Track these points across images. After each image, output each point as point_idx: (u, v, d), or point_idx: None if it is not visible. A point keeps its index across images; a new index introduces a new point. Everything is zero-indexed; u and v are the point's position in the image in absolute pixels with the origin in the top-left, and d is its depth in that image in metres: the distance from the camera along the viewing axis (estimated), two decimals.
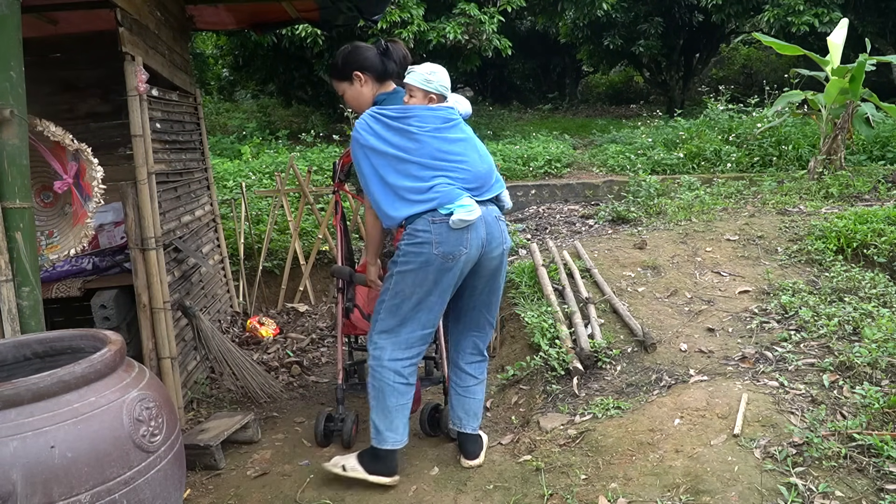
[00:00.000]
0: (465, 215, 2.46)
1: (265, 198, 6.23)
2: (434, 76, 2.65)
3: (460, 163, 2.56)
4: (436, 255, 2.47)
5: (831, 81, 6.43)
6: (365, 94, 2.80)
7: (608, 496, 2.35)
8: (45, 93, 3.68)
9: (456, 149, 2.58)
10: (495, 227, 2.61)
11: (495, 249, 2.62)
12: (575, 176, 8.80)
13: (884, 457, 2.24)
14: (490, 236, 2.59)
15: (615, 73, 20.37)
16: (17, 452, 1.51)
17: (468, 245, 2.51)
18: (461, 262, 2.52)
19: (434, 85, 2.64)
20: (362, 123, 2.58)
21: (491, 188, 2.65)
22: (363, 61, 2.76)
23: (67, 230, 3.02)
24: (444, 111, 2.65)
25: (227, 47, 12.94)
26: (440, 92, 2.66)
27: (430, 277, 2.51)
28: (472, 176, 2.57)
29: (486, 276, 2.68)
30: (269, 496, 2.71)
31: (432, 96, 2.65)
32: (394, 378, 2.60)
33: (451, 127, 2.63)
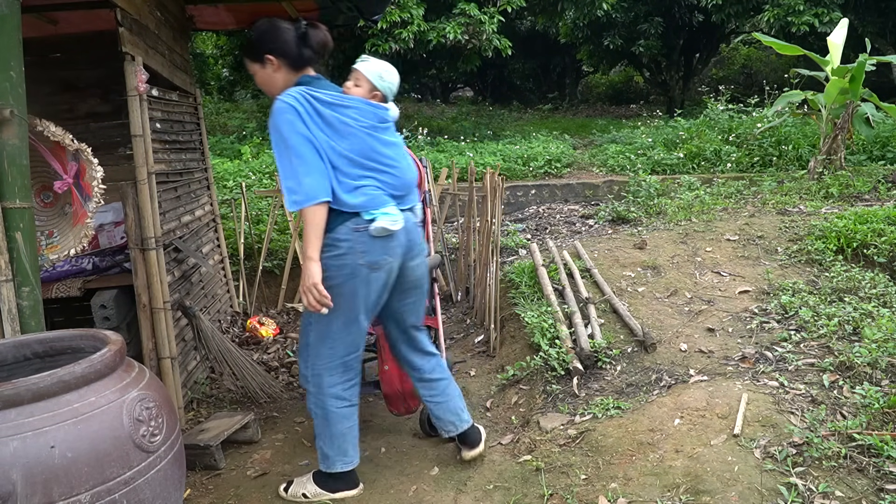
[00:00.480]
0: (388, 224, 2.34)
1: (265, 198, 6.22)
2: (388, 75, 2.54)
3: (392, 167, 2.44)
4: (361, 266, 2.34)
5: (831, 81, 6.43)
6: (277, 80, 2.50)
7: (608, 496, 2.35)
8: (45, 93, 3.68)
9: (389, 152, 2.45)
10: (415, 235, 2.52)
11: (417, 257, 2.54)
12: (575, 176, 8.80)
13: (884, 457, 2.24)
14: (411, 243, 2.49)
15: (615, 73, 20.38)
16: (17, 452, 1.51)
17: (392, 253, 2.40)
18: (385, 270, 2.41)
19: (385, 84, 2.52)
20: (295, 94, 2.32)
21: (412, 197, 2.56)
22: (278, 44, 2.46)
23: (67, 230, 3.02)
24: (383, 111, 2.51)
25: (227, 47, 12.95)
26: (386, 93, 2.54)
27: (358, 290, 2.37)
28: (400, 183, 2.46)
29: (410, 286, 2.58)
30: (269, 496, 2.71)
31: (377, 94, 2.51)
32: (337, 404, 2.52)
33: (387, 129, 2.51)
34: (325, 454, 2.57)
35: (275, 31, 2.46)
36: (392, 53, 9.69)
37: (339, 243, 2.33)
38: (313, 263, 2.31)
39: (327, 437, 2.55)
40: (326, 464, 2.58)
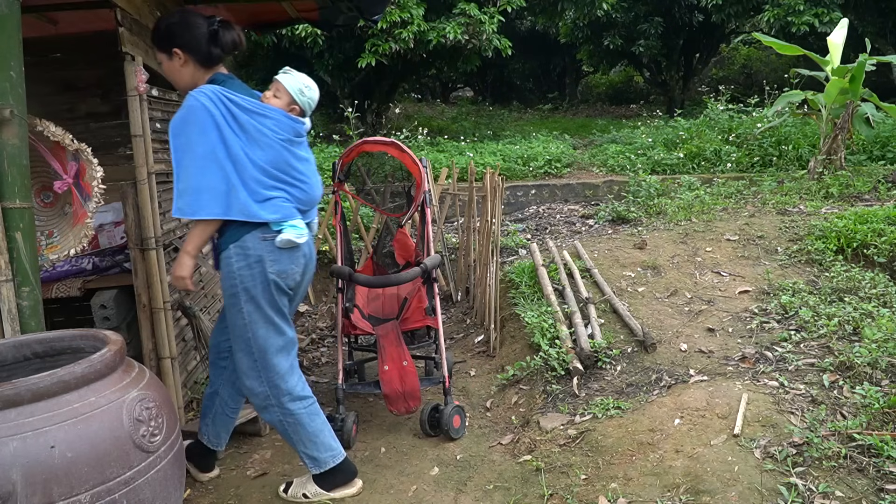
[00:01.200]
0: (294, 237, 2.37)
1: None
2: (309, 90, 2.54)
3: (302, 182, 2.46)
4: (272, 274, 2.36)
5: (831, 81, 6.43)
6: (184, 74, 2.43)
7: (608, 496, 2.35)
8: (45, 93, 3.67)
9: (301, 167, 2.47)
10: (312, 246, 2.60)
11: (311, 269, 2.61)
12: (575, 176, 8.80)
13: (884, 457, 2.24)
14: (310, 255, 2.57)
15: (615, 73, 20.38)
16: (17, 452, 1.51)
17: (297, 263, 2.46)
18: (293, 279, 2.46)
19: (305, 98, 2.52)
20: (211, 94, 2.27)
21: (314, 212, 2.63)
22: (187, 40, 2.37)
23: (67, 230, 3.02)
24: (300, 125, 2.52)
25: None
26: (305, 108, 2.54)
27: (273, 297, 2.40)
28: (308, 198, 2.50)
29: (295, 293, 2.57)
30: (269, 496, 2.71)
31: (295, 107, 2.51)
32: (301, 405, 2.53)
33: (302, 143, 2.54)
34: (312, 458, 2.56)
35: (185, 25, 2.39)
36: (392, 53, 9.70)
37: (248, 252, 2.33)
38: (189, 258, 2.37)
39: (307, 440, 2.54)
40: (318, 466, 2.57)
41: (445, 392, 3.13)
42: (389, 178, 3.72)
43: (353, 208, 5.40)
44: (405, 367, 3.08)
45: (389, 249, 3.77)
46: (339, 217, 3.40)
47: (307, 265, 2.56)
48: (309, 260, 2.56)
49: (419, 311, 3.31)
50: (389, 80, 11.72)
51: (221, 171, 2.25)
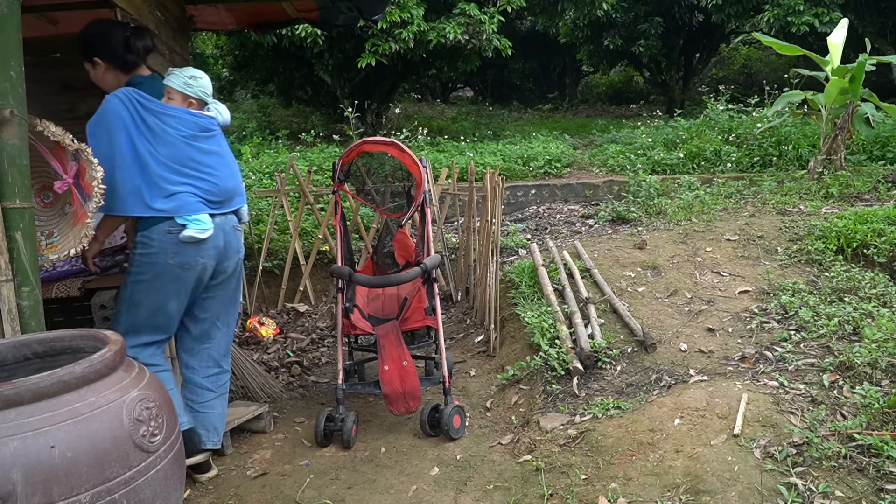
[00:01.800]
0: (196, 233, 2.49)
1: (265, 198, 6.22)
2: (195, 81, 2.63)
3: (209, 175, 2.58)
4: (171, 265, 2.49)
5: (831, 81, 6.43)
6: (108, 80, 2.63)
7: (608, 496, 2.35)
8: (45, 93, 3.67)
9: (208, 160, 2.59)
10: (233, 237, 2.68)
11: (232, 258, 2.69)
12: (575, 176, 8.80)
13: (884, 457, 2.24)
14: (227, 245, 2.65)
15: (615, 73, 20.37)
16: (17, 452, 1.51)
17: (205, 255, 2.56)
18: (198, 270, 2.56)
19: (194, 89, 2.61)
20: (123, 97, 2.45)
21: (233, 202, 2.71)
22: (103, 50, 2.58)
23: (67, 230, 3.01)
24: (204, 120, 2.64)
25: (227, 47, 12.94)
26: (200, 97, 2.64)
27: (165, 287, 2.52)
28: (217, 190, 2.60)
29: (220, 285, 2.71)
30: (269, 496, 2.71)
31: (192, 101, 2.63)
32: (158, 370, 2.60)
33: (208, 138, 2.63)
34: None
35: (101, 36, 2.57)
36: (392, 53, 9.69)
37: (151, 242, 2.47)
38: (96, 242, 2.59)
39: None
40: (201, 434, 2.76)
41: (445, 392, 3.13)
42: (389, 178, 3.71)
43: (353, 208, 5.40)
44: (405, 367, 3.08)
45: (389, 249, 3.77)
46: (339, 217, 3.40)
47: (223, 255, 2.65)
48: (224, 250, 2.64)
49: (419, 311, 3.31)
50: (389, 80, 11.71)
51: (128, 172, 2.43)
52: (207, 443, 2.80)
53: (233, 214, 2.74)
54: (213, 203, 2.60)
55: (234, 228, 2.71)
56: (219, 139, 2.70)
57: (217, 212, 2.61)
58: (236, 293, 2.85)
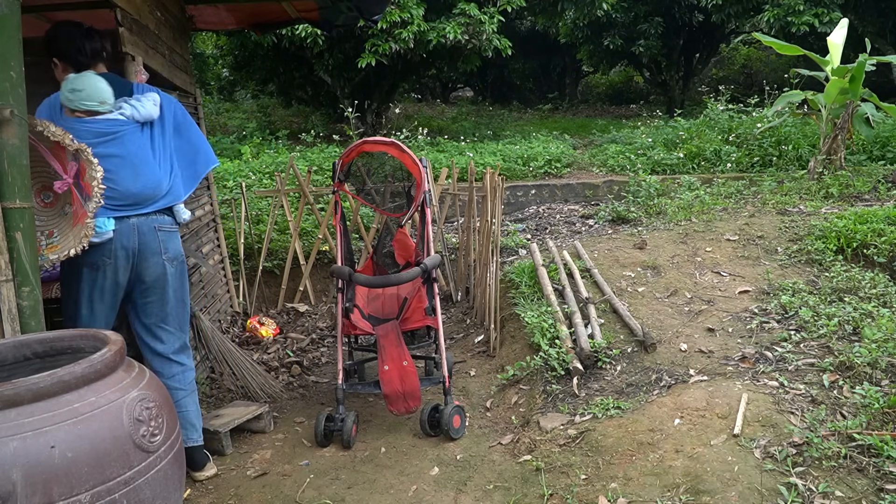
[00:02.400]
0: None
1: (265, 198, 6.22)
2: (74, 94, 2.55)
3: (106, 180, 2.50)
4: (80, 265, 2.56)
5: (831, 81, 6.43)
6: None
7: (608, 496, 2.35)
8: (45, 93, 3.67)
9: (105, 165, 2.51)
10: (151, 237, 2.65)
11: (151, 258, 2.66)
12: (575, 176, 8.80)
13: (884, 457, 2.24)
14: (143, 246, 2.63)
15: (615, 73, 20.38)
16: (17, 452, 1.51)
17: (112, 255, 2.58)
18: (109, 270, 2.59)
19: (75, 103, 2.56)
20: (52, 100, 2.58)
21: (153, 204, 2.67)
22: (58, 50, 2.65)
23: (67, 230, 3.01)
24: (100, 125, 2.58)
25: (227, 47, 12.94)
26: (84, 108, 2.56)
27: (82, 284, 2.58)
28: (119, 194, 2.57)
29: (151, 289, 2.71)
30: (269, 496, 2.71)
31: (78, 113, 2.57)
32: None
33: (107, 142, 2.58)
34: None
35: (56, 37, 2.64)
36: (392, 53, 9.69)
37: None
38: None
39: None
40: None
41: (445, 392, 3.13)
42: (389, 178, 3.71)
43: (353, 208, 5.40)
44: (405, 367, 3.08)
45: (389, 249, 3.77)
46: (339, 217, 3.40)
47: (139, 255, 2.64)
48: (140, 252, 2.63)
49: (419, 311, 3.31)
50: (389, 81, 11.71)
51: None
52: (188, 440, 2.81)
53: (158, 215, 2.69)
54: (120, 206, 2.57)
55: (156, 229, 2.67)
56: (124, 140, 2.62)
57: (129, 214, 2.59)
58: (177, 295, 2.79)
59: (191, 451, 2.77)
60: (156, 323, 2.78)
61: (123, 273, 2.63)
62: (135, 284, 2.69)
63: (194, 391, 2.89)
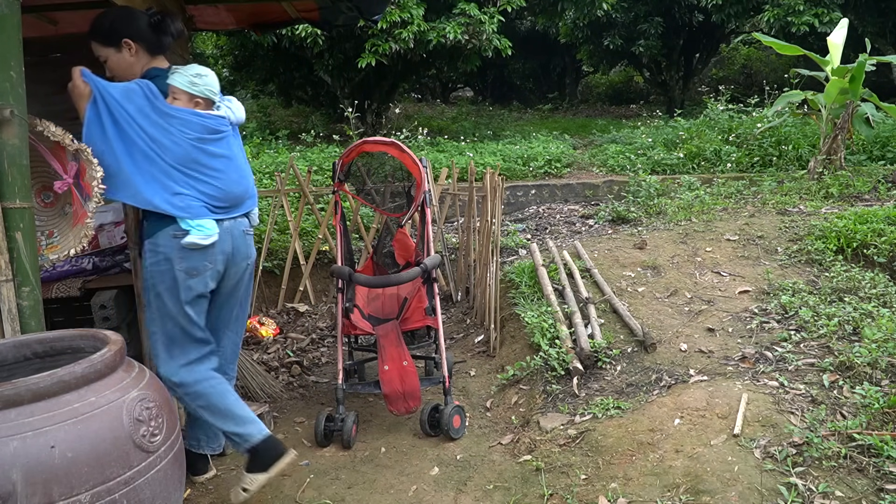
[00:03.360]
0: (198, 239, 2.40)
1: (265, 198, 6.22)
2: (200, 79, 2.48)
3: (214, 179, 2.48)
4: (179, 271, 2.42)
5: (831, 81, 6.43)
6: (135, 66, 2.52)
7: (608, 496, 2.35)
8: (45, 93, 3.67)
9: (215, 164, 2.48)
10: (241, 242, 2.59)
11: (240, 263, 2.60)
12: (575, 176, 8.80)
13: (884, 457, 2.24)
14: (236, 250, 2.56)
15: (615, 73, 20.37)
16: (17, 452, 1.51)
17: (213, 260, 2.47)
18: (207, 275, 2.48)
19: (200, 88, 2.47)
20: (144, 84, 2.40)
21: (243, 206, 2.61)
22: (136, 30, 2.47)
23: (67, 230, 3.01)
24: (212, 121, 2.51)
25: (227, 47, 12.93)
26: (207, 96, 2.50)
27: (180, 295, 2.44)
28: (223, 195, 2.50)
29: (229, 290, 2.63)
30: (269, 496, 2.71)
31: (198, 100, 2.49)
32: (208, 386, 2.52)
33: (217, 140, 2.52)
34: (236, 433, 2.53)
35: (131, 16, 2.50)
36: (392, 53, 9.69)
37: (158, 249, 2.42)
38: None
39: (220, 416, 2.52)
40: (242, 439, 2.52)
41: (445, 392, 3.13)
42: (389, 178, 3.71)
43: (353, 208, 5.40)
44: (405, 367, 3.08)
45: (389, 249, 3.77)
46: (339, 217, 3.40)
47: (231, 260, 2.55)
48: (233, 255, 2.55)
49: (419, 311, 3.31)
50: (389, 81, 11.71)
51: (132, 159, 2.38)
52: (206, 448, 2.75)
53: (243, 218, 2.63)
54: (219, 208, 2.50)
55: (244, 233, 2.61)
56: (228, 141, 2.58)
57: (224, 216, 2.51)
58: (245, 300, 2.74)
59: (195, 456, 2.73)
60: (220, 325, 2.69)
61: (215, 279, 2.54)
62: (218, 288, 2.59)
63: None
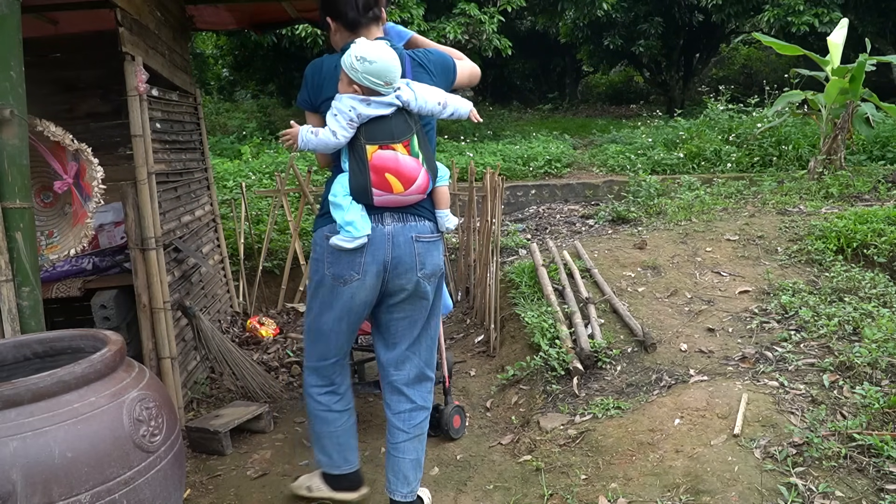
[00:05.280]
0: (341, 241, 2.11)
1: (265, 198, 6.22)
2: (362, 64, 2.05)
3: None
4: (327, 275, 2.19)
5: (831, 81, 6.43)
6: (336, 42, 2.31)
7: (608, 496, 2.35)
8: (45, 93, 3.67)
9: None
10: (406, 251, 2.18)
11: (404, 276, 2.20)
12: (575, 176, 8.80)
13: (884, 457, 2.24)
14: (397, 261, 2.18)
15: (615, 73, 20.39)
16: (17, 452, 1.51)
17: (361, 271, 2.14)
18: (353, 287, 2.17)
19: (358, 75, 2.06)
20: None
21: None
22: (332, 8, 2.27)
23: (67, 230, 3.02)
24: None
25: (227, 47, 12.95)
26: (367, 86, 2.07)
27: (326, 299, 2.22)
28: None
29: (404, 303, 2.27)
30: (269, 496, 2.71)
31: (356, 87, 2.09)
32: (315, 406, 2.39)
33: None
34: (315, 451, 2.50)
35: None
36: None
37: (315, 246, 2.26)
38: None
39: (313, 434, 2.48)
40: (317, 464, 2.51)
41: (445, 392, 3.13)
42: None
43: None
44: None
45: None
46: None
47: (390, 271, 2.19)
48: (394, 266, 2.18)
49: None
50: None
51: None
52: (395, 493, 2.35)
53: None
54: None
55: (413, 240, 2.19)
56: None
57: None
58: (430, 319, 2.35)
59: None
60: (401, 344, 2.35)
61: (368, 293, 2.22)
62: (380, 309, 2.32)
63: (421, 436, 2.39)
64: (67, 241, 2.95)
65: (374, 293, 2.22)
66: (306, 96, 2.25)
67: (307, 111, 2.26)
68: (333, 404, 2.40)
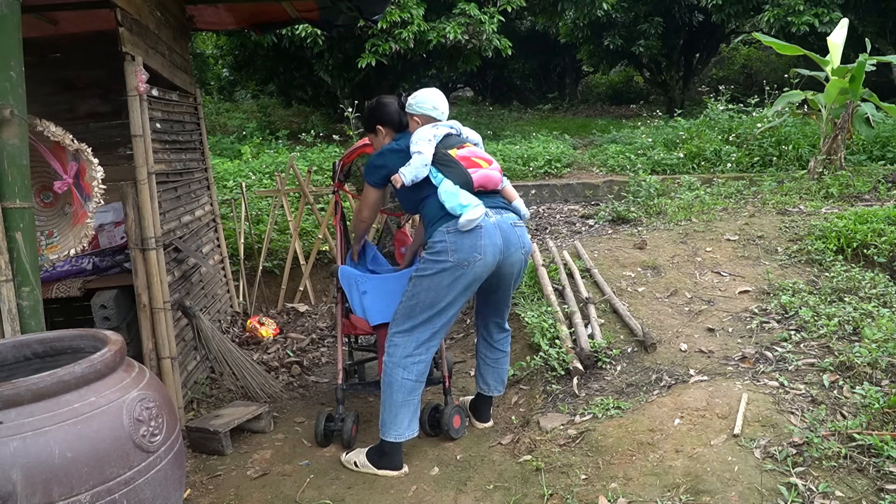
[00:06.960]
0: (471, 214, 2.59)
1: (265, 198, 6.22)
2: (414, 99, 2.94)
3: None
4: (451, 263, 2.62)
5: (831, 81, 6.43)
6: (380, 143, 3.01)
7: (608, 496, 2.35)
8: (45, 93, 3.68)
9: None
10: (512, 234, 2.75)
11: (514, 254, 2.77)
12: (575, 176, 8.79)
13: (884, 457, 2.24)
14: (507, 243, 2.72)
15: (615, 73, 20.38)
16: (17, 452, 1.51)
17: (482, 251, 2.63)
18: (476, 267, 2.64)
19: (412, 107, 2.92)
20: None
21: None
22: (384, 116, 2.99)
23: (67, 230, 3.02)
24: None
25: (227, 47, 12.94)
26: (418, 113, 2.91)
27: (444, 283, 2.65)
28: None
29: (507, 280, 2.86)
30: (269, 496, 2.71)
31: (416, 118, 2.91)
32: (402, 374, 2.72)
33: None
34: (383, 420, 2.77)
35: (381, 106, 3.01)
36: (392, 53, 9.69)
37: (436, 243, 2.67)
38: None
39: (388, 404, 2.76)
40: (383, 431, 2.77)
41: (445, 392, 3.13)
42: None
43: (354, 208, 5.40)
44: None
45: (389, 249, 3.77)
46: (339, 217, 3.40)
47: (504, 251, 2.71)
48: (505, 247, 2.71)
49: None
50: (389, 80, 11.72)
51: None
52: (495, 390, 3.11)
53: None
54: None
55: (513, 226, 2.78)
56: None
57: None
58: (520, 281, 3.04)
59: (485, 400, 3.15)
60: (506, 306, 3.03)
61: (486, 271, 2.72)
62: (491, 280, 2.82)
63: (508, 352, 3.14)
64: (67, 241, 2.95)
65: (490, 271, 2.71)
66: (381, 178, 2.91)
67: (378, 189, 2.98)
68: (420, 375, 2.77)
